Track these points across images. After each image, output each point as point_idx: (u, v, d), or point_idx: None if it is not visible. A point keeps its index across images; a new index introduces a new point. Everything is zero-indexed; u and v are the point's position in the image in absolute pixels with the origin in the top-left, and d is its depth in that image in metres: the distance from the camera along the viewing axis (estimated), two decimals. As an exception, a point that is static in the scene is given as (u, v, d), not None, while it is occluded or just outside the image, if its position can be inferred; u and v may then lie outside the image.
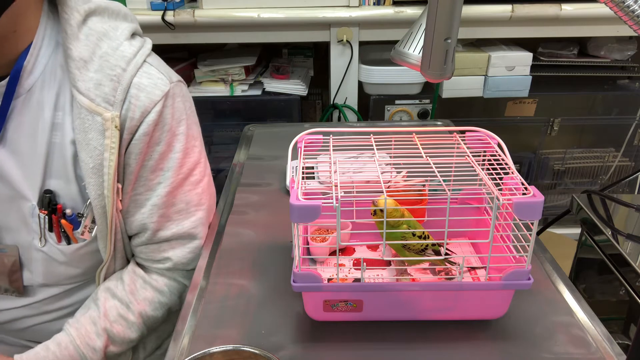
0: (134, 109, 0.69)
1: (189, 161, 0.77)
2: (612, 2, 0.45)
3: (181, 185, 0.76)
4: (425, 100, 1.57)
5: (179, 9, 1.42)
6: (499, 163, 0.64)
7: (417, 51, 0.65)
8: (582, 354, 0.60)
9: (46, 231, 0.73)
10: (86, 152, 0.68)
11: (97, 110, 0.67)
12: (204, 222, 0.80)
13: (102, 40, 0.69)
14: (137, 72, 0.70)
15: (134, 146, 0.71)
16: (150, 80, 0.71)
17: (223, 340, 0.63)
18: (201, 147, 0.81)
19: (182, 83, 0.78)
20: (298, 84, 1.57)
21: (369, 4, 1.45)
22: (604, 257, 0.89)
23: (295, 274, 0.60)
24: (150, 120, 0.70)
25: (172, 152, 0.74)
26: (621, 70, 1.68)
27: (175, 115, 0.74)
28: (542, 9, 1.43)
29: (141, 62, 0.71)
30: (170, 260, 0.78)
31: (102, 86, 0.68)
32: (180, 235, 0.78)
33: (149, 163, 0.73)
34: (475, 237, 0.75)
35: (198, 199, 0.79)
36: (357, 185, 0.68)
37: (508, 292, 0.62)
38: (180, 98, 0.75)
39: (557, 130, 1.68)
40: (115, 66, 0.69)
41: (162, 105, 0.71)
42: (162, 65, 0.76)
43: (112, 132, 0.68)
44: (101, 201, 0.70)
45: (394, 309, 0.64)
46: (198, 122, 0.82)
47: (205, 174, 0.81)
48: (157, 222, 0.76)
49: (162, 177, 0.74)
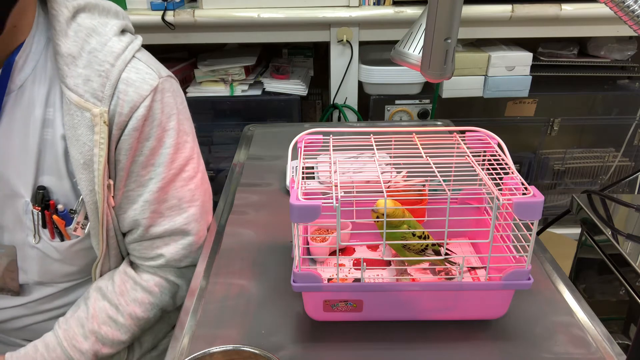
0: (122, 104, 0.69)
1: (181, 156, 0.76)
2: (612, 2, 0.45)
3: (173, 180, 0.76)
4: (425, 100, 1.57)
5: (179, 9, 1.42)
6: (499, 163, 0.64)
7: (417, 51, 0.65)
8: (582, 354, 0.60)
9: (40, 227, 0.73)
10: (76, 148, 0.68)
11: (85, 106, 0.67)
12: (197, 219, 0.80)
13: (91, 36, 0.69)
14: (125, 67, 0.69)
15: (124, 142, 0.70)
16: (138, 75, 0.70)
17: (223, 340, 0.63)
18: (194, 143, 0.80)
19: (173, 78, 0.77)
20: (298, 84, 1.57)
21: (369, 4, 1.45)
22: (604, 257, 0.89)
23: (295, 274, 0.60)
24: (139, 115, 0.70)
25: (162, 147, 0.74)
26: (621, 70, 1.68)
27: (165, 110, 0.73)
28: (542, 9, 1.43)
29: (130, 57, 0.71)
30: (162, 257, 0.78)
31: (91, 82, 0.67)
32: (173, 232, 0.78)
33: (139, 159, 0.73)
34: (475, 237, 0.75)
35: (191, 195, 0.78)
36: (357, 185, 0.68)
37: (508, 292, 0.62)
38: (170, 93, 0.74)
39: (557, 130, 1.68)
40: (104, 62, 0.68)
41: (151, 99, 0.71)
42: (151, 60, 0.75)
43: (101, 128, 0.67)
44: (93, 197, 0.70)
45: (394, 309, 0.64)
46: (190, 118, 0.81)
47: (198, 170, 0.80)
48: (149, 218, 0.76)
49: (154, 172, 0.74)
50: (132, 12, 1.43)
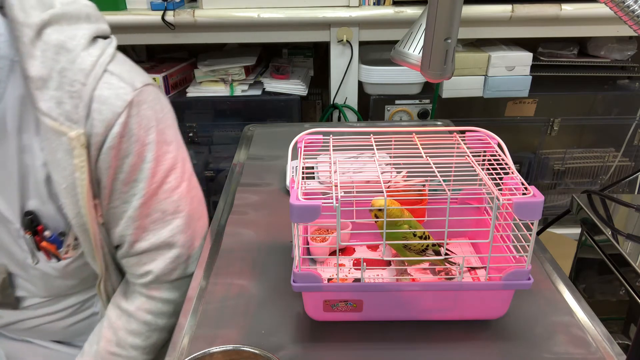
0: (97, 124, 0.66)
1: (162, 169, 0.73)
2: (612, 2, 0.45)
3: (155, 194, 0.73)
4: (425, 100, 1.57)
5: (179, 9, 1.42)
6: (499, 163, 0.64)
7: (417, 51, 0.65)
8: (582, 354, 0.60)
9: (35, 250, 0.73)
10: (57, 172, 0.66)
11: (61, 130, 0.64)
12: (183, 230, 0.77)
13: (60, 53, 0.65)
14: (97, 85, 0.66)
15: (102, 161, 0.68)
16: (111, 91, 0.67)
17: (223, 340, 0.63)
18: (177, 150, 0.76)
19: (151, 85, 0.73)
20: (298, 84, 1.57)
21: (369, 4, 1.45)
22: (604, 257, 0.89)
23: (295, 274, 0.60)
24: (115, 133, 0.67)
25: (143, 162, 0.71)
26: (621, 70, 1.68)
27: (143, 123, 0.70)
28: (542, 9, 1.43)
29: (100, 72, 0.67)
30: (151, 273, 0.76)
31: (64, 104, 0.64)
32: (158, 246, 0.75)
33: (120, 176, 0.70)
34: (475, 237, 0.75)
35: (175, 207, 0.76)
36: (357, 185, 0.68)
37: (508, 292, 0.62)
38: (146, 105, 0.70)
39: (557, 130, 1.68)
40: (74, 81, 0.65)
41: (126, 115, 0.67)
42: (125, 70, 0.70)
43: (80, 151, 0.65)
44: (80, 219, 0.69)
45: (394, 309, 0.64)
46: (173, 124, 0.78)
47: (182, 178, 0.77)
48: (134, 234, 0.74)
49: (136, 188, 0.72)
50: (132, 12, 1.43)
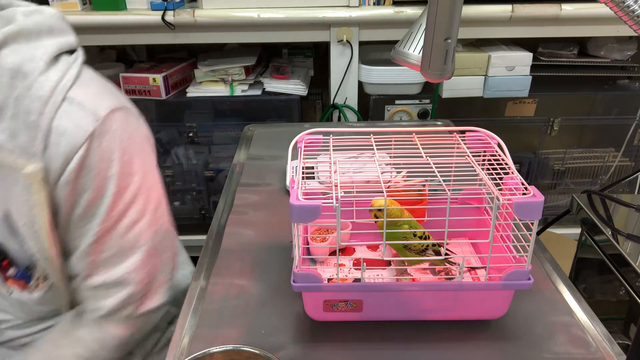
0: (56, 158, 0.61)
1: (122, 202, 0.67)
2: (612, 2, 0.45)
3: (112, 229, 0.67)
4: (425, 100, 1.57)
5: (179, 9, 1.42)
6: (499, 163, 0.64)
7: (417, 51, 0.65)
8: (582, 354, 0.60)
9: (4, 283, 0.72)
10: (15, 208, 0.63)
11: (17, 164, 0.60)
12: (139, 266, 0.70)
13: (16, 78, 0.60)
14: (55, 114, 0.60)
15: (58, 196, 0.64)
16: (70, 122, 0.61)
17: (223, 340, 0.63)
18: (141, 181, 0.69)
19: (119, 111, 0.66)
20: (298, 84, 1.57)
21: (369, 4, 1.45)
22: (604, 257, 0.89)
23: (295, 274, 0.60)
24: (72, 169, 0.61)
25: (102, 197, 0.65)
26: (621, 70, 1.68)
27: (105, 156, 0.64)
28: (542, 9, 1.43)
29: (60, 100, 0.61)
30: (102, 309, 0.71)
31: (20, 135, 0.60)
32: (110, 284, 0.70)
33: (76, 211, 0.65)
34: (475, 237, 0.75)
35: (133, 242, 0.69)
36: (357, 185, 0.68)
37: (508, 292, 0.62)
38: (109, 135, 0.64)
39: (557, 130, 1.68)
40: (31, 111, 0.59)
41: (85, 149, 0.62)
42: (89, 95, 0.64)
43: (38, 187, 0.61)
44: (43, 254, 0.66)
45: (394, 309, 0.64)
46: (142, 150, 0.71)
47: (145, 212, 0.70)
48: (86, 269, 0.69)
49: (92, 224, 0.67)
50: (132, 12, 1.43)
